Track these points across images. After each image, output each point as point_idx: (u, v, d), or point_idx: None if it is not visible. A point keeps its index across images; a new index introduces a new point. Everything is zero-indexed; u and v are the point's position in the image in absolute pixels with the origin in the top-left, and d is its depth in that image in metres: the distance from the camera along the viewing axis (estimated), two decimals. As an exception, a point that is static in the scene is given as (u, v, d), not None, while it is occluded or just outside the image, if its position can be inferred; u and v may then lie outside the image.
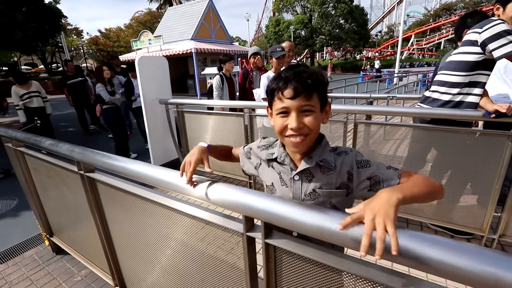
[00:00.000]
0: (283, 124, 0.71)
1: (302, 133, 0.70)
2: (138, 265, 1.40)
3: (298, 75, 0.69)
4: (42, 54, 25.76)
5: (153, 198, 1.07)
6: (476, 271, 0.46)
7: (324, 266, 0.67)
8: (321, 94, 0.72)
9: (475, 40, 1.69)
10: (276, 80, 0.72)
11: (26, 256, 2.22)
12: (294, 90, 0.68)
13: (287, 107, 0.70)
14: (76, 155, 1.26)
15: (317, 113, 0.71)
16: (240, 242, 0.80)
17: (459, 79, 1.80)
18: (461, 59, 1.79)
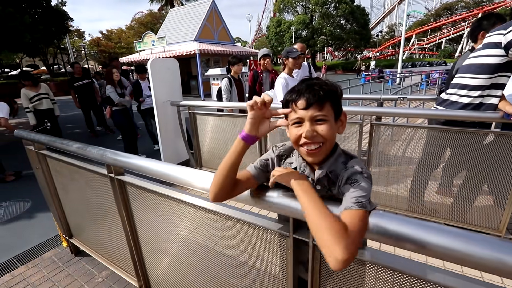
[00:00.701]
0: (297, 133, 0.74)
1: (316, 141, 0.72)
2: (165, 265, 1.42)
3: (310, 86, 0.72)
4: (44, 55, 25.85)
5: (184, 199, 1.09)
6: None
7: (369, 264, 0.69)
8: (334, 104, 0.74)
9: (499, 42, 1.69)
10: (290, 93, 0.76)
11: (45, 257, 2.24)
12: (306, 101, 0.71)
13: (300, 117, 0.73)
14: (107, 158, 1.28)
15: (330, 122, 0.73)
16: (284, 244, 0.82)
17: (481, 82, 1.81)
18: (483, 62, 1.80)
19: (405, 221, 0.61)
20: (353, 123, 2.49)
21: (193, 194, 1.09)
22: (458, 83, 1.98)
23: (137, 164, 1.19)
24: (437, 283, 0.61)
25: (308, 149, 0.73)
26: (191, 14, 15.77)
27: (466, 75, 1.92)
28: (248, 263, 1.01)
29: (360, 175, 0.70)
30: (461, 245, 0.53)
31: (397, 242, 0.60)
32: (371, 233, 0.63)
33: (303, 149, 0.75)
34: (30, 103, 4.49)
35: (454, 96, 1.96)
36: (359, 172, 0.70)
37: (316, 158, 0.76)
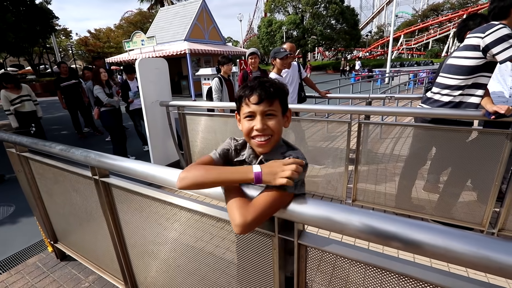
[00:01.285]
0: (249, 126, 0.81)
1: (266, 133, 0.80)
2: (152, 267, 1.40)
3: (262, 84, 0.80)
4: (29, 55, 25.10)
5: (171, 200, 1.08)
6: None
7: (353, 261, 0.69)
8: (282, 101, 0.83)
9: (477, 45, 1.74)
10: (243, 89, 0.83)
11: (29, 263, 2.17)
12: (258, 97, 0.79)
13: (252, 111, 0.80)
14: (91, 160, 1.25)
15: (278, 117, 0.82)
16: (270, 244, 0.82)
17: (460, 82, 1.87)
18: (462, 63, 1.85)
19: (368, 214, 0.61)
20: (342, 122, 2.51)
21: (180, 196, 1.08)
22: (440, 83, 2.03)
23: (122, 165, 1.17)
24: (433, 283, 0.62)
25: (258, 140, 0.81)
26: (181, 14, 15.62)
27: (447, 75, 1.97)
28: (235, 263, 1.00)
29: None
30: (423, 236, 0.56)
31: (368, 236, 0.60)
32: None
33: (254, 141, 0.83)
34: (12, 105, 4.34)
35: (437, 95, 2.00)
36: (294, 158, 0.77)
37: (265, 149, 0.84)
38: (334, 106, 2.46)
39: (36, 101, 4.74)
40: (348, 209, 0.66)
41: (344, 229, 0.64)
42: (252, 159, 0.89)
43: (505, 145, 1.80)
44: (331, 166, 2.87)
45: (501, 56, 1.62)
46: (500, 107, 1.66)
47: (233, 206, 0.73)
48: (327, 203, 0.69)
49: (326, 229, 0.68)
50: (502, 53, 1.62)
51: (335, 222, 0.64)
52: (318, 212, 0.68)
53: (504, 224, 1.97)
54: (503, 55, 1.61)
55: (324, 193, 2.80)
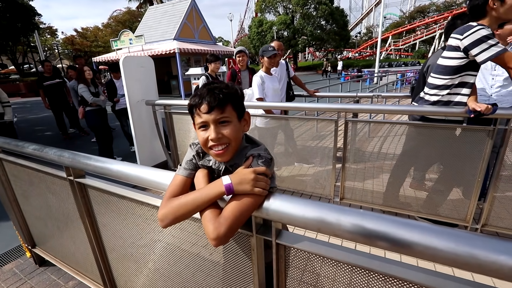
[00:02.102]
0: (204, 137, 0.77)
1: (222, 142, 0.76)
2: (132, 271, 1.34)
3: (211, 91, 0.75)
4: (13, 54, 24.25)
5: (148, 201, 1.03)
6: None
7: (334, 261, 0.67)
8: (236, 105, 0.79)
9: (457, 46, 1.77)
10: (193, 98, 0.78)
11: (6, 270, 2.07)
12: (208, 105, 0.74)
13: (205, 121, 0.76)
14: (65, 160, 1.19)
15: (234, 123, 0.78)
16: (249, 244, 0.79)
17: (447, 82, 1.89)
18: (446, 63, 1.88)
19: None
20: (329, 120, 2.51)
21: (158, 196, 1.03)
22: (430, 83, 2.06)
23: (97, 165, 1.11)
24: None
25: (216, 150, 0.77)
26: (171, 13, 15.42)
27: (435, 75, 2.00)
28: (215, 265, 0.96)
29: (255, 159, 0.75)
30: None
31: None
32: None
33: (212, 151, 0.79)
34: None
35: (426, 95, 2.03)
36: (255, 156, 0.75)
37: (224, 158, 0.80)
38: (321, 104, 2.46)
39: (9, 102, 4.35)
40: (326, 206, 0.63)
41: (322, 227, 0.61)
42: (219, 165, 0.85)
43: (486, 142, 1.83)
44: (319, 165, 2.87)
45: (480, 57, 1.65)
46: (478, 105, 1.68)
47: (205, 219, 0.71)
48: (306, 200, 0.66)
49: (302, 227, 0.66)
50: (481, 54, 1.64)
51: (313, 220, 0.62)
52: (296, 211, 0.65)
53: (487, 220, 2.00)
54: (482, 56, 1.64)
55: (313, 192, 2.79)
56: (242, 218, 0.70)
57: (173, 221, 0.77)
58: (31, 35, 16.83)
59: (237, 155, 0.82)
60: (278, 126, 3.01)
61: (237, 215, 0.69)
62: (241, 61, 3.53)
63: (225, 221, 0.68)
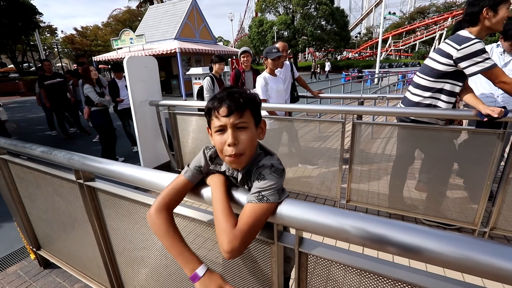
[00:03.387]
0: (221, 141, 0.76)
1: (238, 149, 0.74)
2: (142, 275, 1.33)
3: (231, 95, 0.74)
4: (12, 53, 24.15)
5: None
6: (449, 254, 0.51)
7: (359, 271, 0.66)
8: (254, 112, 0.78)
9: (450, 54, 1.79)
10: (211, 101, 0.77)
11: (10, 272, 2.05)
12: (228, 108, 0.73)
13: (223, 124, 0.74)
14: (75, 163, 1.17)
15: (251, 129, 0.77)
16: (269, 252, 0.77)
17: (429, 84, 1.95)
18: (434, 66, 1.92)
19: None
20: (334, 122, 2.49)
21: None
22: (414, 81, 2.09)
23: (109, 169, 1.09)
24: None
25: (231, 157, 0.75)
26: (171, 12, 15.38)
27: (420, 75, 2.03)
28: (231, 272, 0.95)
29: (268, 169, 0.73)
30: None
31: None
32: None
33: (228, 158, 0.77)
34: None
35: (408, 93, 2.07)
36: (268, 166, 0.74)
37: (238, 165, 0.79)
38: (331, 106, 2.44)
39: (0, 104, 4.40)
40: (353, 216, 0.62)
41: (350, 237, 0.60)
42: (233, 172, 0.84)
43: (496, 145, 1.82)
44: (324, 166, 2.85)
45: (470, 70, 1.72)
46: (492, 110, 1.68)
47: (219, 229, 0.70)
48: (332, 209, 0.65)
49: (328, 237, 0.64)
50: (471, 67, 1.71)
51: (341, 230, 0.60)
52: (322, 219, 0.63)
53: (496, 223, 1.99)
54: (472, 69, 1.71)
55: (318, 194, 2.78)
56: (257, 229, 0.69)
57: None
58: (32, 34, 16.74)
59: (251, 164, 0.81)
60: (282, 127, 3.00)
61: (252, 227, 0.68)
62: (245, 61, 3.52)
63: (241, 233, 0.66)
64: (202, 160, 0.87)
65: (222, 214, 0.71)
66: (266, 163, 0.75)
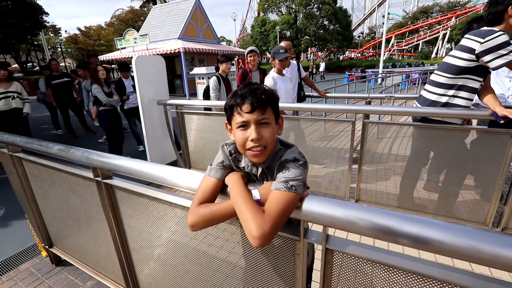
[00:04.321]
0: (243, 137, 0.77)
1: (261, 144, 0.76)
2: (158, 273, 1.34)
3: (253, 91, 0.76)
4: (16, 52, 24.33)
5: (180, 203, 1.02)
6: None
7: (387, 267, 0.66)
8: (274, 108, 0.80)
9: (472, 48, 1.77)
10: (233, 97, 0.79)
11: (22, 269, 2.07)
12: (251, 105, 0.75)
13: (246, 121, 0.76)
14: (93, 161, 1.19)
15: (272, 125, 0.79)
16: (293, 249, 0.78)
17: (449, 81, 1.91)
18: (454, 62, 1.90)
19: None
20: (344, 121, 2.49)
21: (187, 197, 1.02)
22: (431, 80, 2.08)
23: (127, 166, 1.11)
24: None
25: (254, 151, 0.77)
26: (175, 12, 15.42)
27: (439, 73, 2.00)
28: (253, 270, 0.95)
29: (292, 162, 0.75)
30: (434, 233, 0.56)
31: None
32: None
33: (249, 152, 0.79)
34: None
35: (425, 92, 2.05)
36: (291, 160, 0.75)
37: (260, 159, 0.81)
38: (344, 106, 2.46)
39: (28, 99, 4.53)
40: (384, 213, 0.62)
41: (380, 234, 0.60)
42: (252, 168, 0.86)
43: (509, 145, 1.81)
44: (333, 165, 2.85)
45: (495, 63, 1.68)
46: (510, 112, 1.68)
47: (246, 215, 0.69)
48: (361, 206, 0.65)
49: (356, 233, 0.64)
50: (495, 61, 1.67)
51: (372, 227, 0.61)
52: (351, 217, 0.64)
53: (507, 223, 1.98)
54: (496, 62, 1.67)
55: (326, 193, 2.78)
56: (285, 217, 0.69)
57: (203, 227, 0.81)
58: (37, 33, 16.84)
59: (272, 158, 0.82)
60: (289, 127, 3.00)
61: (282, 213, 0.68)
62: (252, 61, 3.52)
63: (270, 219, 0.66)
64: (222, 156, 0.89)
65: (246, 204, 0.71)
66: (288, 157, 0.76)
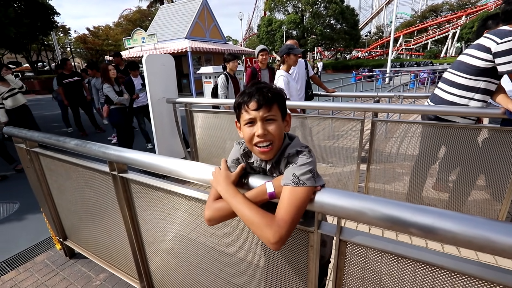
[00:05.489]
0: (250, 133, 0.81)
1: (267, 139, 0.80)
2: (171, 265, 1.37)
3: (259, 89, 0.80)
4: (27, 52, 24.84)
5: (196, 196, 1.05)
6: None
7: (401, 258, 0.68)
8: (281, 106, 0.83)
9: (489, 48, 1.74)
10: (241, 96, 0.82)
11: (38, 261, 2.14)
12: (257, 103, 0.78)
13: (253, 117, 0.80)
14: (110, 155, 1.22)
15: (278, 121, 0.82)
16: (306, 240, 0.80)
17: (465, 82, 1.86)
18: (471, 62, 1.85)
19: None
20: (352, 120, 2.49)
21: (202, 190, 1.05)
22: (447, 79, 2.02)
23: (144, 160, 1.14)
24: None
25: (261, 148, 0.81)
26: (182, 12, 15.53)
27: (456, 72, 1.96)
28: (262, 263, 0.97)
29: (296, 156, 0.78)
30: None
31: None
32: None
33: (257, 149, 0.82)
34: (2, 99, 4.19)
35: (440, 91, 2.01)
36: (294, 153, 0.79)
37: (268, 156, 0.83)
38: (351, 104, 2.45)
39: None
40: (398, 205, 0.63)
41: (395, 226, 0.62)
42: (261, 163, 0.89)
43: (522, 143, 1.79)
44: (341, 164, 2.85)
45: (504, 68, 1.66)
46: None
47: (259, 224, 0.70)
48: (375, 198, 0.67)
49: (372, 225, 0.66)
50: (506, 65, 1.65)
51: (387, 219, 0.62)
52: (366, 208, 0.65)
53: (519, 223, 1.96)
54: (506, 67, 1.65)
55: (334, 191, 2.78)
56: (299, 215, 0.71)
57: (220, 221, 0.85)
58: (49, 33, 17.21)
59: (281, 152, 0.85)
60: (297, 126, 3.01)
61: (296, 213, 0.70)
62: (263, 59, 3.54)
63: (285, 223, 0.69)
64: (237, 153, 0.94)
65: (253, 212, 0.73)
66: (291, 151, 0.80)
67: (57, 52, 20.19)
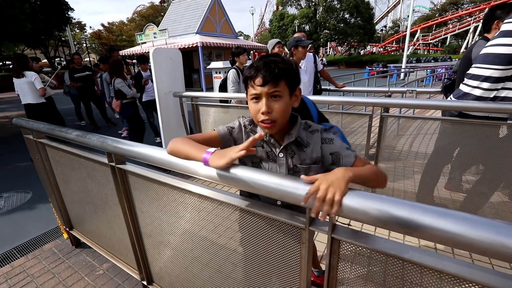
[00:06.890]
0: (255, 109, 0.81)
1: (270, 117, 0.79)
2: (168, 257, 1.37)
3: (267, 64, 0.78)
4: (45, 48, 25.67)
5: (190, 189, 1.03)
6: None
7: (391, 256, 0.63)
8: (289, 81, 0.80)
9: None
10: (249, 69, 0.81)
11: (46, 249, 2.20)
12: (263, 78, 0.77)
13: (258, 93, 0.79)
14: (108, 146, 1.22)
15: (285, 98, 0.80)
16: (298, 237, 0.76)
17: (498, 73, 1.73)
18: (502, 51, 1.70)
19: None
20: (361, 115, 2.41)
21: (198, 184, 1.03)
22: (473, 74, 1.88)
23: (140, 152, 1.12)
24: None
25: (264, 123, 0.81)
26: (194, 7, 15.56)
27: (483, 66, 1.82)
28: (257, 257, 0.95)
29: (327, 134, 0.87)
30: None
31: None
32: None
33: (261, 124, 0.83)
34: None
35: (465, 87, 1.88)
36: (325, 129, 0.88)
37: (272, 131, 0.84)
38: (359, 98, 2.35)
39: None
40: (399, 203, 0.59)
41: (409, 230, 0.57)
42: (270, 138, 0.88)
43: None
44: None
45: None
46: None
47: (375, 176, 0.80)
48: (374, 195, 0.62)
49: (379, 227, 0.61)
50: None
51: (398, 220, 0.58)
52: (365, 207, 0.61)
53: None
54: None
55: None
56: None
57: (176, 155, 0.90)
58: (64, 29, 17.69)
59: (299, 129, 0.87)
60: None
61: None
62: (280, 51, 3.47)
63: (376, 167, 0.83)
64: (236, 124, 0.95)
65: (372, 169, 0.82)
66: (318, 129, 0.88)
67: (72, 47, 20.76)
